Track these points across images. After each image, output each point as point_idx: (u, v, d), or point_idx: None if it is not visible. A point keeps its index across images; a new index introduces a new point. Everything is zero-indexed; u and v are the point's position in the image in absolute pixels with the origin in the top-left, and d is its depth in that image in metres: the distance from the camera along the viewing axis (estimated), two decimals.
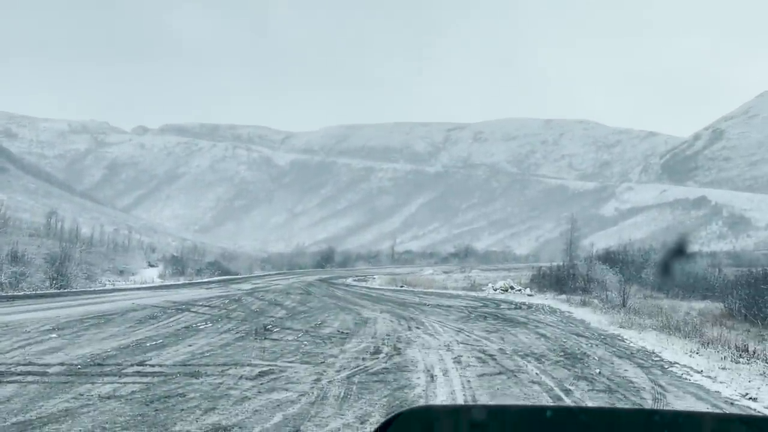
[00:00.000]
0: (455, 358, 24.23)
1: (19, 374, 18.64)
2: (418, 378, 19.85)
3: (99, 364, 20.75)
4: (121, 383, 17.90)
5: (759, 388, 20.59)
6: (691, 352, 28.44)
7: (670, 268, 64.52)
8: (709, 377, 22.68)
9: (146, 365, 20.85)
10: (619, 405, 17.07)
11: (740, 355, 27.88)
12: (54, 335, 27.27)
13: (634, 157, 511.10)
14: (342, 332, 30.99)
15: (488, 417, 2.09)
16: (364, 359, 23.13)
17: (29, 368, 19.66)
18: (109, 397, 16.17)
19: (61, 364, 20.62)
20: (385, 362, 22.71)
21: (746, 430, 2.44)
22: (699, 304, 53.04)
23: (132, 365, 20.73)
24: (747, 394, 19.37)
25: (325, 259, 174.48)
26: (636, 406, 16.78)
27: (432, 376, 20.30)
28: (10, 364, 20.19)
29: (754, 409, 17.61)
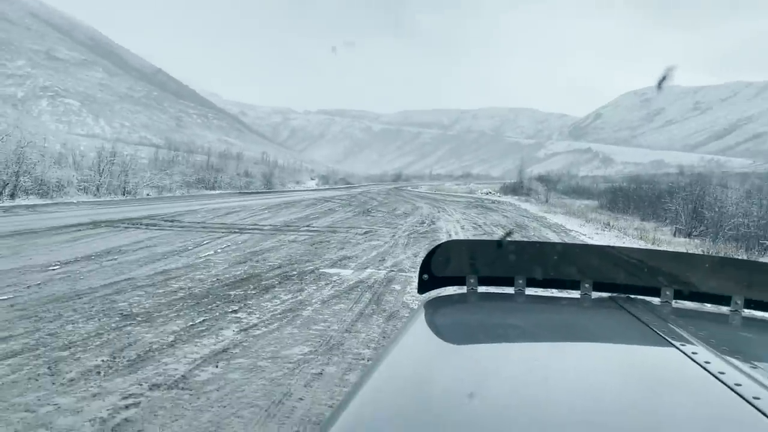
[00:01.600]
0: (461, 226, 24.22)
1: (249, 230, 18.96)
2: (443, 235, 19.93)
3: (287, 226, 21.03)
4: (298, 234, 18.18)
5: (614, 243, 20.40)
6: (580, 225, 28.10)
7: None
8: (589, 237, 22.43)
9: (310, 227, 21.07)
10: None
11: (605, 227, 27.56)
12: (266, 212, 27.63)
13: (555, 127, 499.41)
14: (405, 213, 30.98)
15: (492, 246, 2.12)
16: (415, 226, 23.20)
17: (254, 227, 20.00)
18: (292, 241, 16.45)
19: (270, 225, 20.96)
20: (426, 228, 22.76)
21: (615, 253, 2.13)
22: (586, 202, 52.08)
23: (303, 227, 20.96)
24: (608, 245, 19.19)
25: (396, 178, 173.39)
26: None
27: (449, 234, 20.36)
28: (245, 225, 20.56)
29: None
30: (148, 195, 41.73)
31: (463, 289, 1.90)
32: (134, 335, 6.75)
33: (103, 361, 5.83)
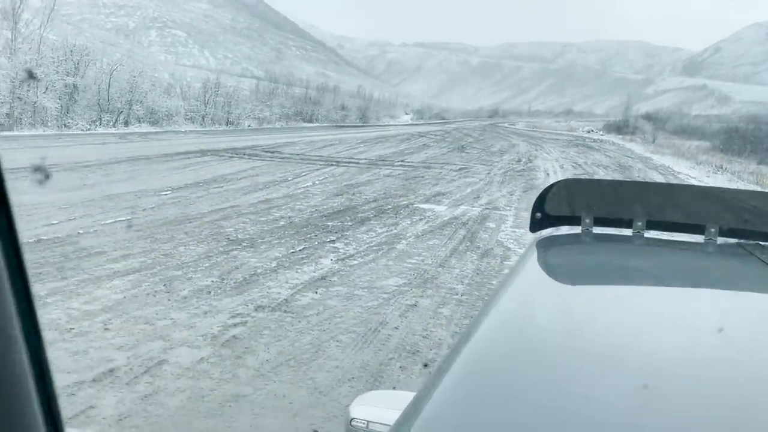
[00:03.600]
0: (560, 165, 23.57)
1: (345, 163, 19.21)
2: (539, 174, 19.51)
3: (383, 160, 21.16)
4: (393, 169, 18.26)
5: (727, 186, 19.40)
6: (689, 167, 26.75)
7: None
8: (699, 180, 21.33)
9: (405, 161, 21.10)
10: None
11: (717, 170, 26.07)
12: (361, 146, 27.84)
13: (667, 62, 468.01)
14: (500, 150, 30.42)
15: (611, 186, 2.05)
16: (511, 164, 22.79)
17: (350, 160, 20.24)
18: (387, 176, 16.58)
19: (365, 159, 21.14)
20: (523, 166, 22.30)
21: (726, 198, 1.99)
22: (697, 143, 49.12)
23: (398, 161, 21.02)
24: None
25: (493, 114, 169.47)
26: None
27: (546, 173, 19.89)
28: (341, 158, 20.85)
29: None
30: (249, 126, 43.01)
31: (578, 230, 1.84)
32: (240, 259, 7.14)
33: (212, 281, 6.23)
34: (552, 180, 17.70)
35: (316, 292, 6.11)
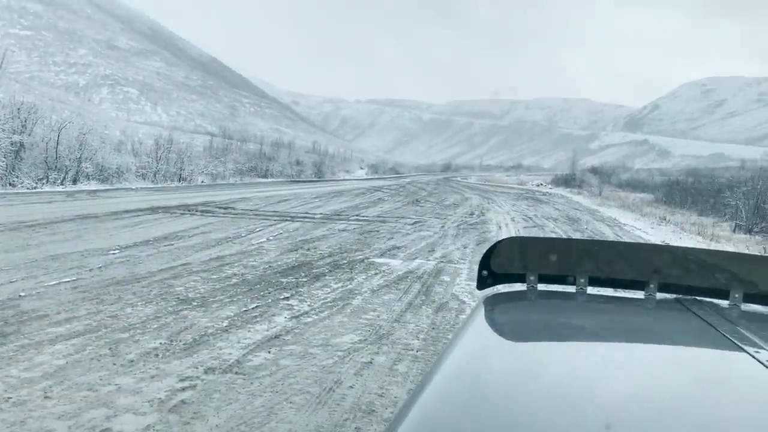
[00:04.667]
0: (512, 218, 23.95)
1: (300, 218, 19.14)
2: (492, 227, 19.76)
3: (338, 214, 21.16)
4: (348, 223, 18.26)
5: (671, 238, 19.91)
6: (635, 219, 27.50)
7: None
8: (644, 232, 21.91)
9: (360, 216, 21.15)
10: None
11: (661, 221, 26.88)
12: (317, 200, 27.88)
13: (610, 118, 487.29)
14: (454, 204, 30.83)
15: (554, 243, 2.06)
16: (465, 217, 23.05)
17: (305, 215, 20.17)
18: (343, 230, 16.54)
19: (321, 214, 21.10)
20: (476, 219, 22.58)
21: (669, 256, 2.03)
22: (641, 195, 50.77)
23: (353, 216, 21.05)
24: (664, 240, 18.67)
25: (445, 168, 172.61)
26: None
27: (499, 226, 20.16)
28: (296, 213, 20.76)
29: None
30: (202, 182, 42.68)
31: (523, 287, 1.87)
32: (190, 319, 6.93)
33: (161, 343, 6.01)
34: (504, 232, 17.91)
35: (269, 352, 5.94)
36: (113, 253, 10.90)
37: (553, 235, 18.47)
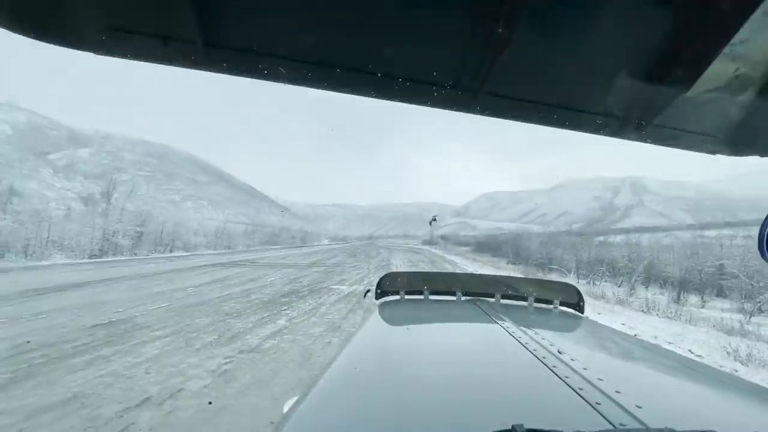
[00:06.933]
0: (401, 260, 23.94)
1: (292, 266, 18.35)
2: (394, 265, 19.69)
3: (314, 264, 20.44)
4: (319, 269, 17.67)
5: (479, 268, 19.78)
6: (461, 259, 27.76)
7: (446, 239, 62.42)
8: (465, 265, 21.93)
9: (326, 264, 20.53)
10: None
11: (473, 261, 27.27)
12: (303, 257, 26.93)
13: (449, 211, 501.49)
14: (374, 255, 30.63)
15: (414, 275, 1.92)
16: (378, 263, 22.90)
17: (295, 264, 19.35)
18: (316, 271, 15.92)
19: (304, 263, 20.30)
20: (386, 262, 22.42)
21: (503, 284, 1.84)
22: (464, 248, 51.66)
23: (322, 264, 20.46)
24: (475, 269, 18.57)
25: (370, 238, 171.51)
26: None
27: (396, 266, 20.01)
28: (289, 263, 19.86)
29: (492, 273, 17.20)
30: (240, 249, 40.59)
31: (398, 297, 1.83)
32: (230, 323, 6.48)
33: (214, 338, 5.57)
34: (400, 267, 17.64)
35: (275, 339, 5.63)
36: (189, 289, 10.10)
37: (424, 267, 18.59)
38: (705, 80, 0.62)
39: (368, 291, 1.93)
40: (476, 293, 1.86)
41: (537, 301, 1.77)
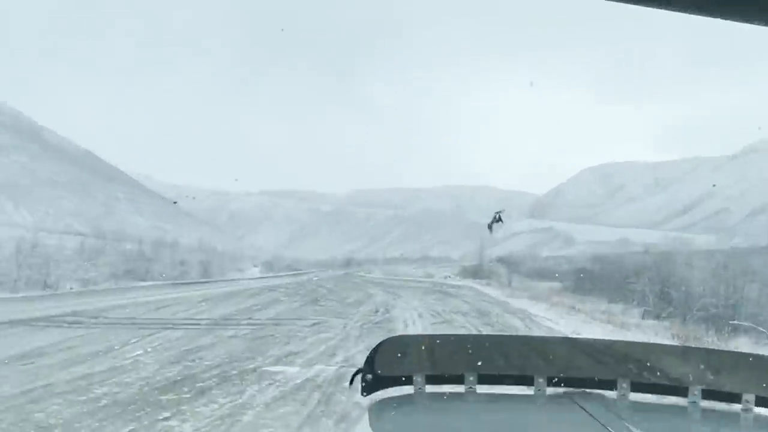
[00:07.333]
0: (419, 314, 24.14)
1: (184, 326, 18.58)
2: (399, 325, 19.82)
3: (227, 319, 20.61)
4: (239, 329, 17.83)
5: (582, 327, 20.65)
6: (545, 309, 28.38)
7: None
8: (555, 322, 22.64)
9: (252, 319, 20.70)
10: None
11: (570, 310, 27.94)
12: (203, 304, 27.07)
13: (515, 205, 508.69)
14: (357, 302, 30.75)
15: (437, 340, 2.06)
16: (369, 316, 23.03)
17: (190, 322, 19.60)
18: (233, 337, 16.13)
19: (207, 319, 20.51)
20: (381, 317, 22.60)
21: (578, 350, 2.14)
22: (549, 284, 52.61)
23: (245, 319, 20.60)
24: (575, 330, 19.33)
25: (347, 263, 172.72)
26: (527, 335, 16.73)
27: (406, 324, 20.27)
28: (180, 319, 20.15)
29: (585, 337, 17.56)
30: (71, 288, 40.61)
31: (411, 389, 1.88)
32: None
33: None
34: (410, 329, 18.02)
35: None
36: None
37: (463, 331, 18.77)
38: None
39: (357, 373, 1.99)
40: (577, 379, 1.96)
41: (709, 395, 1.83)
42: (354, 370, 1.98)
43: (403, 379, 1.92)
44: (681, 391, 1.85)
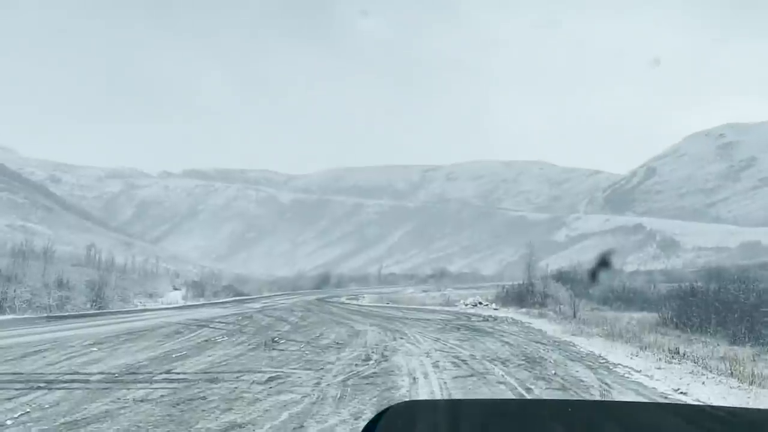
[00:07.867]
0: (433, 362, 24.23)
1: (65, 382, 18.62)
2: (403, 380, 19.87)
3: (133, 373, 20.74)
4: (151, 389, 17.90)
5: (688, 384, 20.70)
6: (631, 354, 28.54)
7: (598, 279, 65.68)
8: (647, 375, 22.78)
9: (172, 373, 20.86)
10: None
11: (672, 356, 27.96)
12: (95, 348, 27.24)
13: (581, 191, 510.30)
14: (337, 343, 30.96)
15: (463, 409, 2.12)
16: (356, 365, 23.12)
17: (74, 377, 19.64)
18: (142, 401, 16.18)
19: (101, 373, 20.59)
20: (375, 367, 22.71)
21: (679, 419, 2.26)
22: (637, 315, 52.98)
23: (161, 373, 20.74)
24: (678, 389, 19.45)
25: (322, 281, 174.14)
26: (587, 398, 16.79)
27: (414, 379, 20.32)
28: (58, 374, 20.16)
29: (685, 402, 17.55)
30: None
31: None
32: None
33: None
34: (423, 389, 18.19)
35: None
36: None
37: (502, 390, 18.82)
38: None
39: None
40: None
41: None
42: None
43: None
44: None
